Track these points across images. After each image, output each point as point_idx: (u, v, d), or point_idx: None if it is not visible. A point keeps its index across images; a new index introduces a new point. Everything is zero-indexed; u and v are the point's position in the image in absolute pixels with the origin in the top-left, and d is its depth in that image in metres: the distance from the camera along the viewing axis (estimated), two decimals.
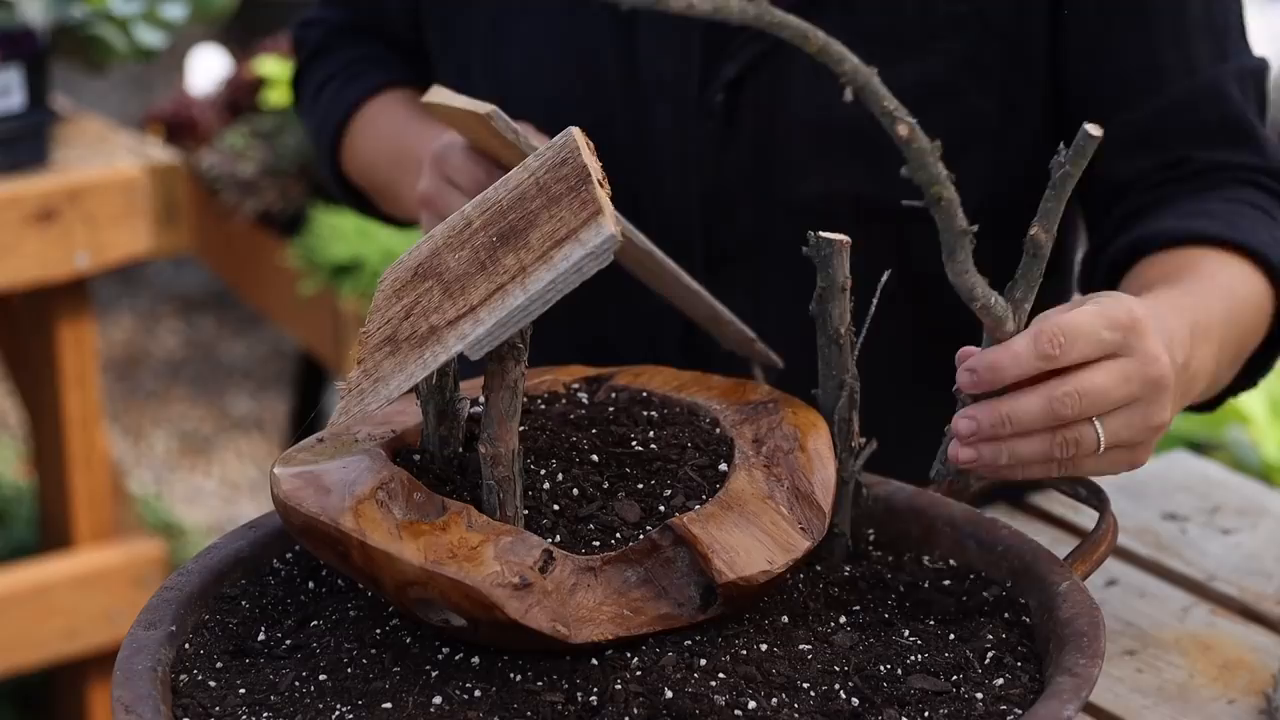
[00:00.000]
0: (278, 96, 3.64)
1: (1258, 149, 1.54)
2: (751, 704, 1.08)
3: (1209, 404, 1.53)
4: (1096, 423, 1.20)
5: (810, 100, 1.51)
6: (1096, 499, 1.31)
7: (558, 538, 1.15)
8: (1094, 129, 1.14)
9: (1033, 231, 1.17)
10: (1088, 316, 1.21)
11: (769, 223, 1.21)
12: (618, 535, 1.16)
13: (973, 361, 1.19)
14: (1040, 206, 1.16)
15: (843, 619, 1.18)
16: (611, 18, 1.53)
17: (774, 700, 1.08)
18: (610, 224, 1.08)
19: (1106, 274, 1.51)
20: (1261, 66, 1.56)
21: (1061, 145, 1.15)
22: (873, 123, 1.49)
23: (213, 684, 1.14)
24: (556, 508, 1.17)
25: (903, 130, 1.09)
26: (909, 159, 1.10)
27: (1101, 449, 1.21)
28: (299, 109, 1.86)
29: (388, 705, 1.09)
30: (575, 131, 1.16)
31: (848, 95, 1.08)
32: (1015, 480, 1.22)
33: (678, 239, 1.46)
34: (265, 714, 1.10)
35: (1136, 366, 1.21)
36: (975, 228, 1.14)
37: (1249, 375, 1.52)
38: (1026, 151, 1.55)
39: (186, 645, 1.17)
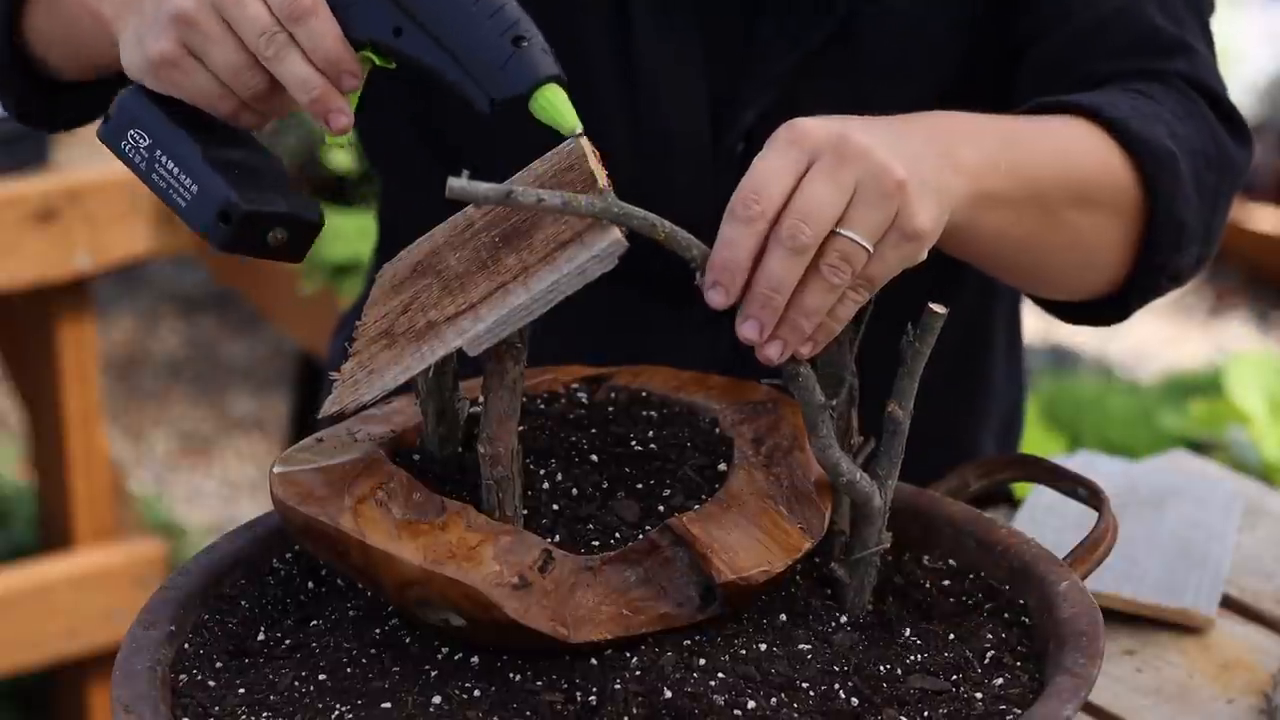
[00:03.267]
0: None
1: (1184, 58, 1.47)
2: (751, 704, 1.08)
3: (1125, 294, 1.44)
4: (844, 231, 1.14)
5: None
6: (1095, 498, 1.31)
7: (557, 537, 1.15)
8: (938, 307, 1.13)
9: (890, 409, 1.16)
10: (760, 161, 1.15)
11: None
12: (617, 535, 1.16)
13: (707, 280, 1.13)
14: (895, 385, 1.16)
15: (842, 619, 1.18)
16: (616, 83, 1.51)
17: (773, 700, 1.08)
18: (616, 228, 1.08)
19: None
20: None
21: (910, 325, 1.15)
22: None
23: (212, 684, 1.14)
24: (556, 507, 1.17)
25: None
26: None
27: (871, 247, 1.14)
28: None
29: (387, 705, 1.09)
30: (582, 139, 1.16)
31: (699, 279, 1.08)
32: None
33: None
34: (265, 714, 1.10)
35: (828, 157, 1.15)
36: (834, 402, 1.14)
37: (1148, 257, 1.42)
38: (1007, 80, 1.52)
39: (186, 645, 1.17)
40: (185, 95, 1.23)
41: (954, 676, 1.13)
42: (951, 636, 1.17)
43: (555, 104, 1.17)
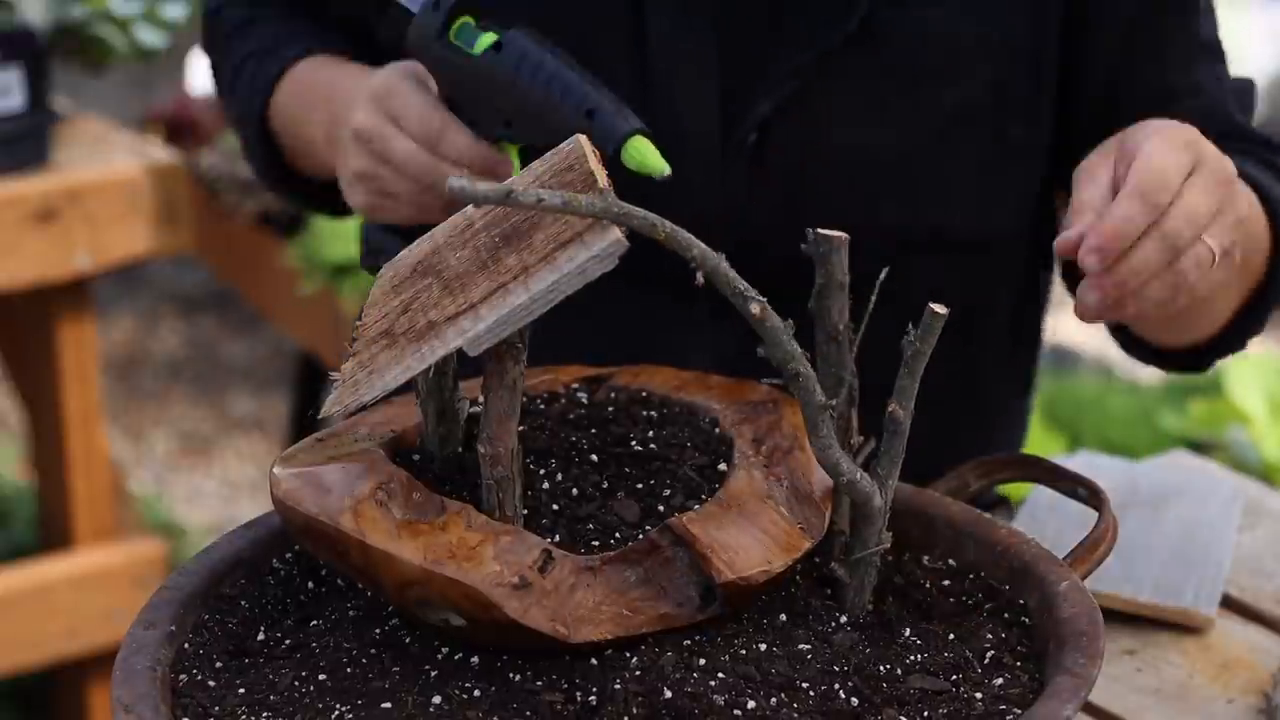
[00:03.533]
0: None
1: (1273, 148, 1.56)
2: (751, 704, 1.08)
3: (1208, 350, 1.54)
4: (1206, 239, 1.23)
5: (841, 137, 1.50)
6: (1095, 498, 1.31)
7: (557, 537, 1.15)
8: (939, 308, 1.14)
9: (891, 409, 1.17)
10: (1162, 152, 1.24)
11: (801, 260, 1.21)
12: (617, 535, 1.16)
13: (1094, 240, 1.21)
14: (896, 385, 1.16)
15: (842, 619, 1.18)
16: (627, 77, 1.51)
17: (773, 700, 1.08)
18: (616, 228, 1.08)
19: None
20: (1248, 84, 1.60)
21: (911, 325, 1.15)
22: (905, 156, 1.49)
23: (212, 684, 1.14)
24: (556, 507, 1.17)
25: (755, 309, 1.09)
26: (763, 337, 1.11)
27: (1216, 260, 1.24)
28: (219, 93, 1.74)
29: (387, 705, 1.09)
30: (581, 139, 1.16)
31: (699, 279, 1.09)
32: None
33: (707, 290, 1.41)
34: (265, 714, 1.10)
35: (1210, 174, 1.25)
36: (834, 402, 1.14)
37: (1242, 323, 1.52)
38: (1044, 169, 1.56)
39: (186, 645, 1.17)
40: (398, 223, 1.44)
41: (954, 676, 1.13)
42: (951, 636, 1.17)
43: (639, 155, 1.33)
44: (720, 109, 1.50)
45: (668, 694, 1.08)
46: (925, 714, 1.09)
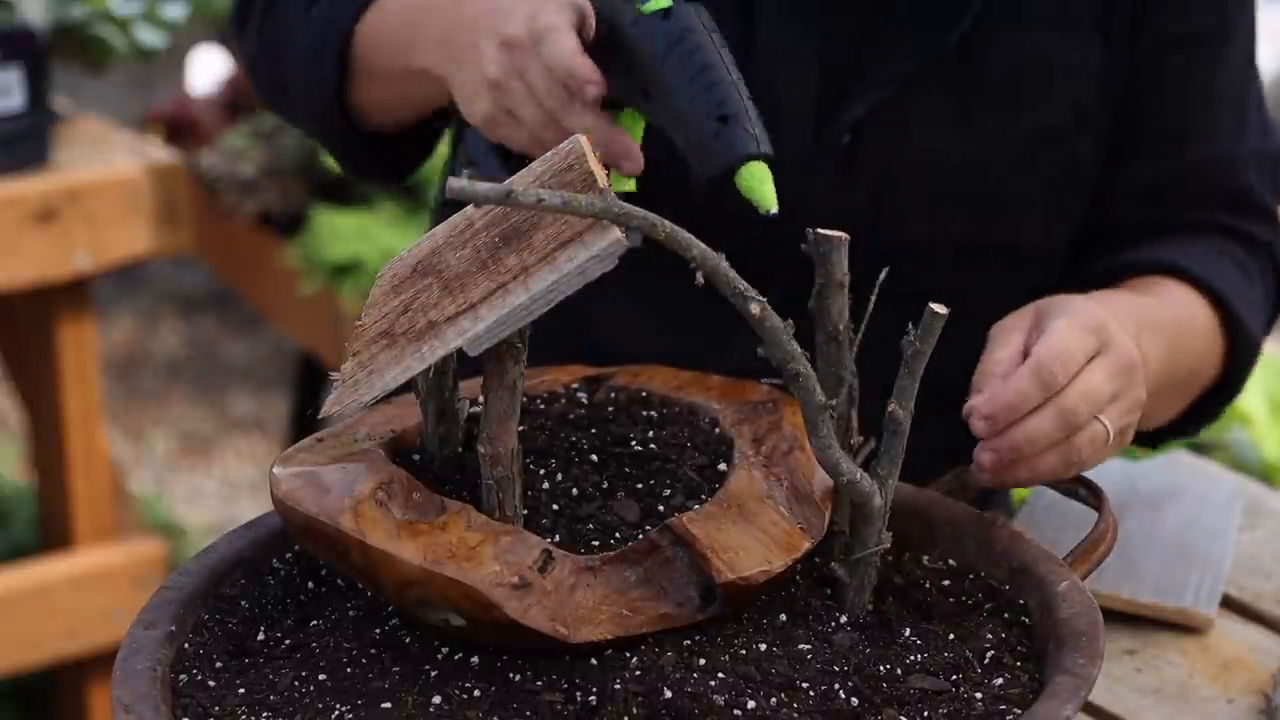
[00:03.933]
0: None
1: (1268, 226, 1.60)
2: (751, 704, 1.08)
3: (1154, 436, 1.59)
4: (1102, 418, 1.29)
5: (926, 145, 1.51)
6: (1095, 498, 1.31)
7: (557, 537, 1.15)
8: (939, 308, 1.14)
9: (891, 409, 1.17)
10: (1067, 334, 1.29)
11: (870, 265, 1.21)
12: (617, 535, 1.16)
13: (985, 409, 1.26)
14: (895, 385, 1.16)
15: (842, 619, 1.18)
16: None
17: (773, 700, 1.08)
18: (616, 228, 1.08)
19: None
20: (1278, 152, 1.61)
21: (911, 325, 1.15)
22: (982, 168, 1.50)
23: (212, 684, 1.14)
24: (556, 507, 1.17)
25: (755, 309, 1.09)
26: (763, 337, 1.11)
27: (1111, 440, 1.29)
28: (256, 33, 1.64)
29: (387, 705, 1.09)
30: (581, 138, 1.16)
31: (699, 279, 1.08)
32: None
33: (782, 279, 1.40)
34: (265, 714, 1.10)
35: (1115, 358, 1.31)
36: (834, 402, 1.15)
37: (1194, 418, 1.57)
38: (1100, 184, 1.59)
39: (186, 645, 1.17)
40: (514, 146, 1.37)
41: (954, 676, 1.13)
42: (951, 636, 1.17)
43: (752, 182, 1.24)
44: (815, 109, 1.50)
45: (668, 694, 1.08)
46: (925, 714, 1.09)
